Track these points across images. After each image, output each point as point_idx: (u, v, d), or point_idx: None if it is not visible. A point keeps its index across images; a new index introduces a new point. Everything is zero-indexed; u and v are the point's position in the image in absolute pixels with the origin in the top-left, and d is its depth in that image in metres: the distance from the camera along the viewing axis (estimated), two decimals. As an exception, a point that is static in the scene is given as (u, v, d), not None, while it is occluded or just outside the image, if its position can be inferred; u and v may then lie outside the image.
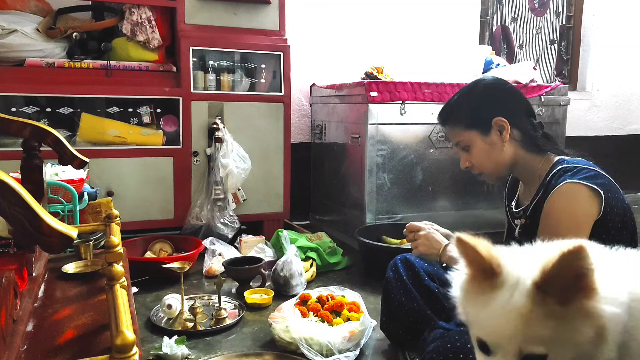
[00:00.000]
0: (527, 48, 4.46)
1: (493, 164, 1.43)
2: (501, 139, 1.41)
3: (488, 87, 1.46)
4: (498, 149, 1.41)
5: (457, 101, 1.47)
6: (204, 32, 2.82)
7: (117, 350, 0.75)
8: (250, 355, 1.69)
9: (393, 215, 2.88)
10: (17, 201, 0.71)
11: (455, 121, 1.46)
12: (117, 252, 1.07)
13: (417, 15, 3.85)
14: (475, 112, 1.43)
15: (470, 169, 1.49)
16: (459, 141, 1.46)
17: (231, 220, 2.82)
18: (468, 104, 1.45)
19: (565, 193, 1.26)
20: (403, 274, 1.67)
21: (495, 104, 1.42)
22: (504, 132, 1.40)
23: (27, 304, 1.09)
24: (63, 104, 2.66)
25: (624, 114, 4.76)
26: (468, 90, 1.48)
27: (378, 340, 1.83)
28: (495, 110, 1.41)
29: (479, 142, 1.42)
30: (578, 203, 1.25)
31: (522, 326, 0.73)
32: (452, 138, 1.50)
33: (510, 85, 1.48)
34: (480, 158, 1.43)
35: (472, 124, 1.42)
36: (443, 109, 1.52)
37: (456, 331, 1.31)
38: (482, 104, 1.43)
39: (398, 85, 2.83)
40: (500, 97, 1.44)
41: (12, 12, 2.62)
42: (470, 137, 1.43)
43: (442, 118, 1.52)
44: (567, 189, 1.26)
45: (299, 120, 3.59)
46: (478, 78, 1.53)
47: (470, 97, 1.46)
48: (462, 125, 1.44)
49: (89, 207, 2.21)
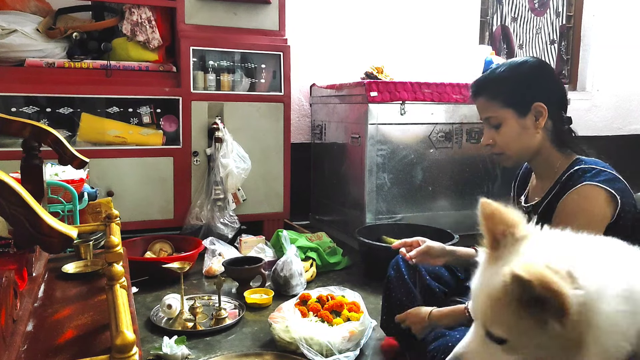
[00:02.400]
0: (527, 48, 4.46)
1: (519, 148, 1.37)
2: (535, 125, 1.35)
3: (535, 68, 1.39)
4: (529, 135, 1.36)
5: (501, 74, 1.38)
6: (204, 32, 2.82)
7: (117, 350, 0.75)
8: (250, 355, 1.69)
9: (393, 215, 2.88)
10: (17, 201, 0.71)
11: (493, 94, 1.38)
12: (117, 252, 1.07)
13: (417, 15, 3.85)
14: (518, 91, 1.36)
15: (491, 147, 1.42)
16: (490, 116, 1.39)
17: (231, 220, 2.82)
18: (512, 81, 1.37)
19: (584, 195, 1.24)
20: (404, 273, 1.67)
21: (539, 87, 1.36)
22: (540, 119, 1.35)
23: (27, 304, 1.09)
24: (63, 104, 2.66)
25: (624, 114, 4.76)
26: (515, 66, 1.39)
27: (378, 340, 1.83)
28: (538, 94, 1.35)
29: (512, 123, 1.36)
30: (595, 206, 1.24)
31: (489, 306, 0.76)
32: (483, 111, 1.41)
33: (554, 72, 1.43)
34: (509, 139, 1.37)
35: (511, 102, 1.35)
36: (483, 78, 1.43)
37: (457, 330, 1.31)
38: (527, 85, 1.36)
39: (398, 85, 2.83)
40: (545, 82, 1.38)
41: (12, 12, 2.62)
42: (504, 116, 1.36)
43: (479, 88, 1.42)
44: (586, 190, 1.25)
45: (299, 120, 3.59)
46: (524, 57, 1.43)
47: (516, 73, 1.37)
48: (500, 101, 1.36)
49: (89, 207, 2.21)
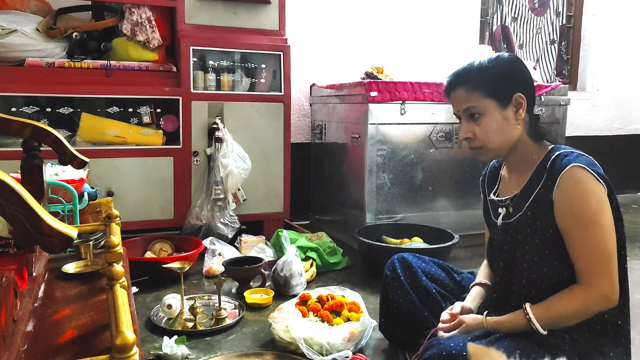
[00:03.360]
0: (527, 48, 4.46)
1: (500, 139, 1.35)
2: (516, 117, 1.35)
3: (513, 61, 1.40)
4: (510, 126, 1.35)
5: (482, 65, 1.37)
6: (204, 32, 2.82)
7: (117, 350, 0.75)
8: (250, 355, 1.69)
9: (393, 215, 2.88)
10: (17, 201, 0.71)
11: (475, 85, 1.35)
12: (117, 252, 1.07)
13: (417, 15, 3.85)
14: (500, 81, 1.35)
15: (469, 141, 1.39)
16: (471, 107, 1.36)
17: (231, 220, 2.82)
18: (494, 71, 1.36)
19: (576, 177, 1.24)
20: (400, 274, 1.66)
21: (519, 79, 1.37)
22: (521, 110, 1.34)
23: (27, 304, 1.09)
24: (63, 104, 2.66)
25: (624, 114, 4.76)
26: (493, 59, 1.38)
27: (378, 340, 1.83)
28: (518, 85, 1.35)
29: (494, 113, 1.34)
30: (593, 184, 1.24)
31: None
32: (463, 102, 1.38)
33: (527, 67, 1.43)
34: (490, 131, 1.34)
35: (493, 92, 1.34)
36: (462, 70, 1.40)
37: (452, 338, 1.31)
38: (508, 76, 1.36)
39: (398, 85, 2.83)
40: (523, 74, 1.39)
41: (12, 12, 2.62)
42: (486, 106, 1.34)
43: (459, 79, 1.39)
44: (575, 172, 1.25)
45: (299, 120, 3.59)
46: (498, 53, 1.42)
47: (496, 65, 1.37)
48: (482, 91, 1.34)
49: (89, 207, 2.21)
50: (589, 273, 1.24)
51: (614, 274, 1.24)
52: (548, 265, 1.31)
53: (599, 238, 1.23)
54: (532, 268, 1.34)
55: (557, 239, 1.29)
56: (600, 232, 1.23)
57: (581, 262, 1.25)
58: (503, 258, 1.43)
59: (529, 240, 1.34)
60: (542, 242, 1.32)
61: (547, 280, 1.31)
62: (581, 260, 1.25)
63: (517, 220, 1.37)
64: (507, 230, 1.41)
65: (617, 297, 1.24)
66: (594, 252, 1.23)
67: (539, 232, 1.32)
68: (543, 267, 1.32)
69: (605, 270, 1.23)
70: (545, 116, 3.16)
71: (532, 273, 1.33)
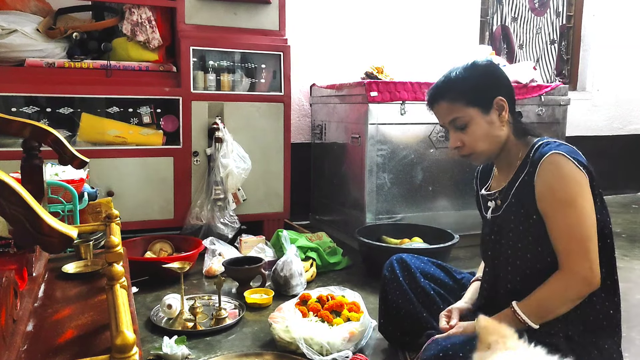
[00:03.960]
0: (527, 48, 4.46)
1: (488, 143, 1.39)
2: (500, 119, 1.38)
3: (489, 66, 1.43)
4: (496, 129, 1.38)
5: (459, 76, 1.40)
6: (204, 32, 2.82)
7: (117, 350, 0.75)
8: (250, 355, 1.69)
9: (393, 215, 2.88)
10: (17, 201, 0.71)
11: (455, 96, 1.39)
12: (117, 252, 1.07)
13: (417, 15, 3.85)
14: (479, 88, 1.38)
15: (459, 150, 1.43)
16: (455, 118, 1.39)
17: (231, 220, 2.82)
18: (472, 80, 1.39)
19: (556, 162, 1.28)
20: (399, 275, 1.67)
21: (497, 83, 1.40)
22: (503, 113, 1.38)
23: (27, 304, 1.09)
24: (63, 104, 2.66)
25: (624, 114, 4.76)
26: (469, 67, 1.41)
27: (378, 340, 1.83)
28: (497, 89, 1.38)
29: (478, 120, 1.38)
30: (573, 170, 1.27)
31: None
32: (447, 115, 1.41)
33: (503, 70, 1.47)
34: (477, 137, 1.38)
35: (474, 100, 1.37)
36: (440, 84, 1.44)
37: (449, 338, 1.32)
38: (486, 82, 1.40)
39: (398, 85, 2.83)
40: (499, 77, 1.42)
41: (12, 12, 2.62)
42: (470, 114, 1.37)
43: (439, 92, 1.43)
44: (555, 158, 1.28)
45: (299, 120, 3.59)
46: (472, 60, 1.45)
47: (473, 73, 1.40)
48: (464, 101, 1.38)
49: (89, 207, 2.21)
50: (567, 256, 1.26)
51: (591, 256, 1.25)
52: (531, 252, 1.34)
53: (576, 220, 1.25)
54: (517, 255, 1.37)
55: (540, 225, 1.32)
56: (577, 215, 1.25)
57: (560, 245, 1.28)
58: (490, 248, 1.46)
59: (512, 227, 1.37)
60: (525, 229, 1.35)
61: (530, 266, 1.34)
62: (560, 244, 1.28)
63: (504, 211, 1.40)
64: (495, 222, 1.45)
65: (597, 281, 1.26)
66: (572, 235, 1.25)
67: (522, 219, 1.35)
68: (526, 253, 1.35)
69: (584, 253, 1.25)
70: (545, 116, 3.16)
71: (516, 259, 1.37)
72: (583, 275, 1.25)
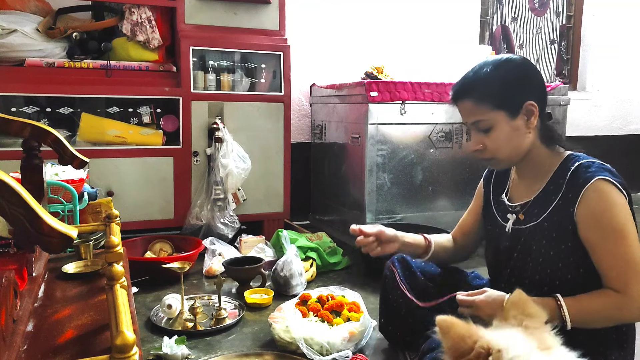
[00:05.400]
0: (527, 48, 4.46)
1: (511, 150, 1.31)
2: (527, 125, 1.30)
3: (522, 67, 1.33)
4: (521, 135, 1.30)
5: (489, 74, 1.30)
6: (204, 32, 2.82)
7: (117, 350, 0.75)
8: (250, 355, 1.69)
9: (393, 215, 2.88)
10: (17, 201, 0.71)
11: (482, 97, 1.30)
12: (117, 252, 1.07)
13: (417, 15, 3.85)
14: (509, 91, 1.29)
15: (479, 152, 1.35)
16: (479, 120, 1.31)
17: (231, 220, 2.82)
18: (502, 80, 1.29)
19: (601, 190, 1.23)
20: (400, 274, 1.66)
21: (528, 86, 1.31)
22: (532, 118, 1.29)
23: (27, 304, 1.09)
24: (63, 104, 2.66)
25: (624, 114, 4.76)
26: (501, 65, 1.31)
27: (378, 340, 1.83)
28: (528, 93, 1.29)
29: (504, 125, 1.29)
30: (618, 197, 1.23)
31: None
32: (470, 115, 1.33)
33: (538, 69, 1.37)
34: (500, 142, 1.30)
35: (502, 104, 1.28)
36: (467, 80, 1.35)
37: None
38: (517, 84, 1.30)
39: (398, 85, 2.83)
40: (533, 80, 1.33)
41: (12, 12, 2.62)
42: (495, 118, 1.29)
43: (465, 89, 1.34)
44: (601, 186, 1.23)
45: (299, 120, 3.59)
46: (506, 55, 1.34)
47: (505, 72, 1.30)
48: (491, 104, 1.29)
49: (89, 207, 2.21)
50: (624, 282, 1.21)
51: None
52: (560, 278, 1.30)
53: (629, 247, 1.21)
54: (545, 280, 1.31)
55: (574, 251, 1.27)
56: (629, 243, 1.21)
57: (613, 272, 1.22)
58: (511, 265, 1.40)
59: (543, 252, 1.31)
60: (556, 254, 1.29)
61: (553, 288, 1.29)
62: (613, 271, 1.22)
63: (530, 230, 1.34)
64: (518, 238, 1.38)
65: None
66: (627, 263, 1.21)
67: (554, 244, 1.29)
68: (555, 280, 1.30)
69: (638, 281, 1.20)
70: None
71: (543, 285, 1.31)
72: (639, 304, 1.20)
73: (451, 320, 0.87)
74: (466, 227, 1.67)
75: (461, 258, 1.72)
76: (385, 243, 1.56)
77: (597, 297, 1.23)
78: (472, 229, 1.65)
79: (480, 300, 1.31)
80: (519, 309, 0.91)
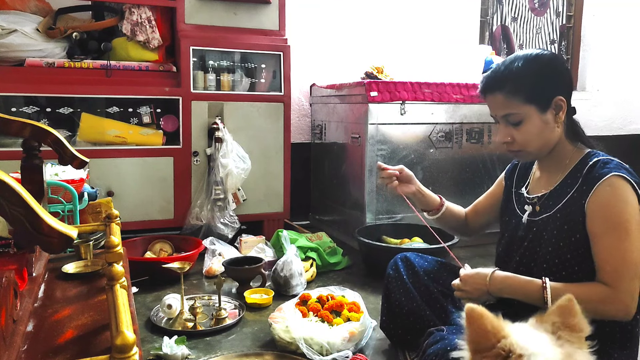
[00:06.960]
0: (527, 48, 4.46)
1: (540, 143, 1.34)
2: (555, 120, 1.33)
3: (552, 61, 1.35)
4: (550, 129, 1.33)
5: (521, 69, 1.32)
6: (204, 32, 2.82)
7: (117, 350, 0.75)
8: (250, 355, 1.69)
9: (393, 215, 2.88)
10: (17, 201, 0.71)
11: (514, 90, 1.31)
12: (117, 252, 1.07)
13: (417, 15, 3.85)
14: (541, 85, 1.31)
15: (508, 145, 1.37)
16: (510, 113, 1.33)
17: (231, 220, 2.81)
18: (534, 75, 1.31)
19: (616, 186, 1.24)
20: (403, 273, 1.67)
21: (559, 81, 1.34)
22: (561, 113, 1.32)
23: (27, 304, 1.09)
24: (63, 104, 2.66)
25: (624, 114, 4.76)
26: (532, 60, 1.33)
27: (378, 340, 1.83)
28: (558, 88, 1.32)
29: (534, 119, 1.31)
30: (630, 195, 1.24)
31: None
32: (501, 108, 1.35)
33: (566, 65, 1.43)
34: (530, 136, 1.33)
35: (533, 98, 1.30)
36: (499, 73, 1.36)
37: (457, 333, 1.31)
38: (548, 79, 1.32)
39: (398, 85, 2.83)
40: (562, 74, 1.36)
41: (12, 12, 2.62)
42: (526, 112, 1.31)
43: (497, 82, 1.36)
44: (615, 182, 1.24)
45: (299, 120, 3.59)
46: (537, 50, 1.37)
47: (536, 66, 1.33)
48: (522, 97, 1.31)
49: (89, 207, 2.21)
50: (616, 278, 1.22)
51: (636, 285, 1.22)
52: (567, 269, 1.31)
53: (630, 247, 1.22)
54: (551, 270, 1.33)
55: (582, 244, 1.28)
56: (631, 241, 1.22)
57: (608, 266, 1.23)
58: (520, 254, 1.42)
59: (553, 242, 1.33)
60: (565, 245, 1.31)
61: (560, 279, 1.31)
62: (609, 265, 1.23)
63: (544, 220, 1.36)
64: (531, 228, 1.40)
65: (634, 311, 1.23)
66: (624, 260, 1.22)
67: (564, 236, 1.31)
68: (562, 270, 1.31)
69: (631, 280, 1.22)
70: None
71: (549, 275, 1.32)
72: (627, 303, 1.21)
73: (481, 311, 0.83)
74: (480, 208, 1.73)
75: (465, 232, 1.80)
76: (403, 182, 1.71)
77: (585, 287, 1.24)
78: (484, 211, 1.71)
79: (464, 274, 1.40)
80: (562, 316, 0.87)
